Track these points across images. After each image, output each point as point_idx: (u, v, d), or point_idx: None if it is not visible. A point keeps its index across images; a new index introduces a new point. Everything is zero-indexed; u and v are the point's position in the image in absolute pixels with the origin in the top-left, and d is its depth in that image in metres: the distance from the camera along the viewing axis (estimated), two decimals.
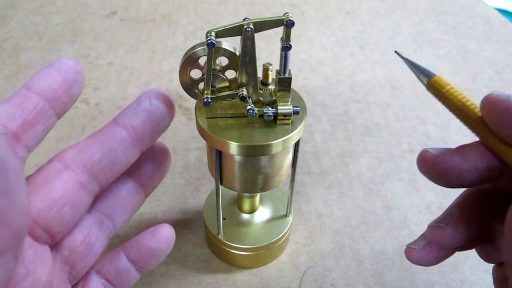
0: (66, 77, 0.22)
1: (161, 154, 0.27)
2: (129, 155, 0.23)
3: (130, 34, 0.59)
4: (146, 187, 0.26)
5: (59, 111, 0.22)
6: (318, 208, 0.37)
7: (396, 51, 0.27)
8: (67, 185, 0.21)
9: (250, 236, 0.32)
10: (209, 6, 0.67)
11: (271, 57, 0.55)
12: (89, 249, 0.23)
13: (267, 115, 0.25)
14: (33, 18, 0.62)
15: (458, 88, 0.23)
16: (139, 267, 0.25)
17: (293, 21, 0.23)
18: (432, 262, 0.24)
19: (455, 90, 0.22)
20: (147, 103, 0.24)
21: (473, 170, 0.21)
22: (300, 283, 0.31)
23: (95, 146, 0.23)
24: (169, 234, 0.25)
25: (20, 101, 0.21)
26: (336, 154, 0.42)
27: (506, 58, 0.57)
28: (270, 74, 0.26)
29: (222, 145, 0.24)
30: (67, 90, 0.22)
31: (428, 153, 0.22)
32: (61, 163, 0.22)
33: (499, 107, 0.20)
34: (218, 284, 0.31)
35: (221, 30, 0.23)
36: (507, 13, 0.91)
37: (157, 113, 0.24)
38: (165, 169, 0.27)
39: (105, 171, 0.23)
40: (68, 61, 0.22)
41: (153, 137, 0.24)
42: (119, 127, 0.23)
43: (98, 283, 0.24)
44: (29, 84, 0.21)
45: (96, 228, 0.24)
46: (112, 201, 0.25)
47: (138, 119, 0.23)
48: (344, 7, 0.68)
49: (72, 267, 0.23)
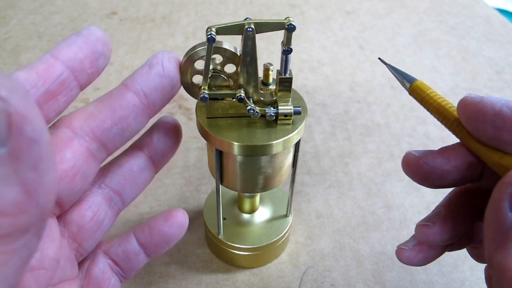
0: (93, 48, 0.21)
1: (173, 130, 0.26)
2: (140, 122, 0.22)
3: (130, 34, 0.59)
4: (156, 163, 0.25)
5: (83, 83, 0.21)
6: (318, 208, 0.37)
7: (380, 58, 0.28)
8: (77, 155, 0.20)
9: (250, 236, 0.32)
10: (209, 6, 0.67)
11: (272, 57, 0.55)
12: (98, 226, 0.23)
13: (269, 115, 0.25)
14: (33, 18, 0.62)
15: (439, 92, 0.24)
16: (148, 251, 0.24)
17: (295, 26, 0.23)
18: (423, 262, 0.24)
19: (435, 94, 0.23)
20: (160, 67, 0.22)
21: (455, 171, 0.22)
22: (300, 283, 0.31)
23: (105, 112, 0.21)
24: (183, 219, 0.24)
25: (44, 68, 0.20)
26: (336, 154, 0.42)
27: (506, 58, 0.57)
28: (271, 74, 0.26)
29: (223, 145, 0.24)
30: (94, 62, 0.21)
31: (412, 155, 0.23)
32: (70, 129, 0.21)
33: (472, 109, 0.20)
34: (218, 284, 0.31)
35: (222, 27, 0.23)
36: (507, 13, 0.91)
37: (169, 78, 0.23)
38: (176, 146, 0.26)
39: (115, 139, 0.22)
40: (97, 31, 0.21)
41: (164, 103, 0.23)
42: (130, 93, 0.22)
43: (105, 263, 0.24)
44: (55, 51, 0.20)
45: (105, 204, 0.23)
46: (123, 177, 0.24)
47: (150, 85, 0.22)
48: (344, 7, 0.68)
49: (79, 244, 0.22)
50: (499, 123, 0.19)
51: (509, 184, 0.17)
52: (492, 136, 0.20)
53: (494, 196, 0.18)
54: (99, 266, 0.23)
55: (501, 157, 0.20)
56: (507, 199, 0.17)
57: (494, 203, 0.17)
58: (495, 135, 0.20)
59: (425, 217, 0.25)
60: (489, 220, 0.18)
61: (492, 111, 0.19)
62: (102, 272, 0.23)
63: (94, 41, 0.21)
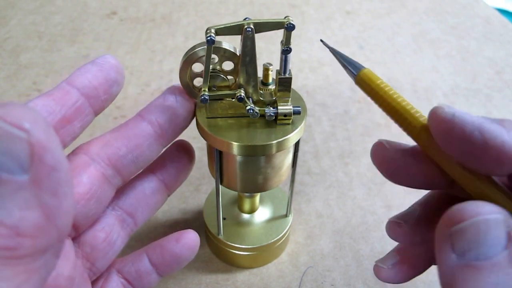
0: (107, 75, 0.22)
1: (186, 154, 0.27)
2: (153, 151, 0.24)
3: (130, 34, 0.59)
4: (169, 186, 0.26)
5: (97, 109, 0.22)
6: (318, 208, 0.37)
7: (322, 40, 0.25)
8: (93, 179, 0.21)
9: (250, 236, 0.32)
10: (209, 6, 0.67)
11: (271, 57, 0.54)
12: (110, 247, 0.23)
13: (269, 115, 0.25)
14: (33, 18, 0.62)
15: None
16: (160, 270, 0.25)
17: (294, 25, 0.23)
18: (402, 280, 0.24)
19: (386, 85, 0.21)
20: (173, 99, 0.24)
21: (423, 175, 0.21)
22: (300, 283, 0.31)
23: (121, 140, 0.23)
24: (194, 241, 0.25)
25: (60, 95, 0.21)
26: (336, 154, 0.42)
27: (506, 58, 0.57)
28: (270, 74, 0.26)
29: (222, 145, 0.24)
30: (107, 89, 0.22)
31: (382, 147, 0.21)
32: (87, 155, 0.22)
33: (442, 127, 0.18)
34: (218, 284, 0.31)
35: (221, 27, 0.23)
36: (507, 13, 0.91)
37: (182, 110, 0.24)
38: (189, 170, 0.27)
39: (129, 166, 0.23)
40: (111, 59, 0.22)
41: (176, 134, 0.24)
42: (145, 122, 0.23)
43: (118, 282, 0.24)
44: (71, 78, 0.21)
45: (118, 226, 0.24)
46: (136, 199, 0.25)
47: (164, 115, 0.24)
48: (344, 7, 0.68)
49: (92, 264, 0.23)
50: (468, 148, 0.17)
51: (447, 226, 0.16)
52: (460, 158, 0.18)
53: (437, 239, 0.17)
54: (112, 285, 0.24)
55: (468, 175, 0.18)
56: (448, 241, 0.16)
57: (438, 246, 0.17)
58: (464, 158, 0.18)
59: (399, 213, 0.24)
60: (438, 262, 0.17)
61: (461, 134, 0.17)
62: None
63: (108, 69, 0.22)
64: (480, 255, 0.15)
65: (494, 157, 0.17)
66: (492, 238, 0.15)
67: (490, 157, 0.17)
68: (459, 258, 0.16)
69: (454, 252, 0.16)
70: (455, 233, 0.16)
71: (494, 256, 0.15)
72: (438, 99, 0.50)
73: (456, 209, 0.16)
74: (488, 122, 0.17)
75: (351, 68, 0.22)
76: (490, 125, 0.17)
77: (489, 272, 0.15)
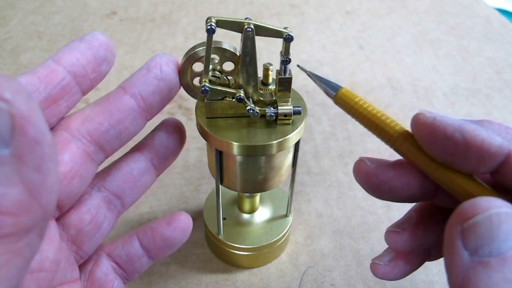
0: (96, 53, 0.21)
1: (176, 133, 0.25)
2: (137, 125, 0.22)
3: (130, 34, 0.59)
4: (158, 167, 0.25)
5: (85, 88, 0.21)
6: (318, 208, 0.37)
7: (299, 65, 0.26)
8: (75, 157, 0.20)
9: (250, 236, 0.32)
10: (209, 6, 0.67)
11: (271, 57, 0.54)
12: (97, 229, 0.22)
13: (269, 115, 0.25)
14: (33, 18, 0.62)
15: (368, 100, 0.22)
16: (151, 254, 0.24)
17: (292, 36, 0.23)
18: (399, 276, 0.24)
19: (364, 102, 0.22)
20: (157, 71, 0.22)
21: (405, 188, 0.21)
22: (300, 283, 0.31)
23: (102, 115, 0.21)
24: (186, 223, 0.24)
25: (46, 73, 0.20)
26: (336, 154, 0.42)
27: (506, 58, 0.57)
28: (271, 74, 0.26)
29: (222, 145, 0.24)
30: (96, 67, 0.21)
31: (364, 164, 0.22)
32: (67, 132, 0.21)
33: (424, 130, 0.19)
34: (218, 284, 0.31)
35: (222, 19, 0.22)
36: (507, 13, 0.91)
37: (167, 81, 0.22)
38: (179, 149, 0.26)
39: (112, 141, 0.22)
40: (100, 36, 0.21)
41: (162, 106, 0.23)
42: (127, 96, 0.22)
43: (108, 266, 0.24)
44: (57, 56, 0.20)
45: (104, 207, 0.23)
46: (122, 180, 0.24)
47: (148, 88, 0.22)
48: (344, 7, 0.68)
49: (79, 247, 0.22)
50: (450, 148, 0.18)
51: (458, 222, 0.16)
52: (444, 159, 0.19)
53: (447, 236, 0.17)
54: (102, 268, 0.23)
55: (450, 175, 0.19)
56: (459, 238, 0.16)
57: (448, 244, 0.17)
58: (447, 159, 0.19)
59: (396, 222, 0.24)
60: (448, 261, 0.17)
61: (443, 136, 0.18)
62: (105, 274, 0.23)
63: (97, 46, 0.21)
64: (493, 250, 0.15)
65: (476, 154, 0.18)
66: (504, 232, 0.15)
67: (472, 155, 0.18)
68: (472, 256, 0.16)
69: (466, 249, 0.16)
70: (467, 228, 0.16)
71: (507, 251, 0.15)
72: (438, 99, 0.50)
73: (467, 205, 0.16)
74: (467, 123, 0.19)
75: (329, 89, 0.23)
76: (470, 125, 0.18)
77: (503, 267, 0.15)
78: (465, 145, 0.18)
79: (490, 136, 0.18)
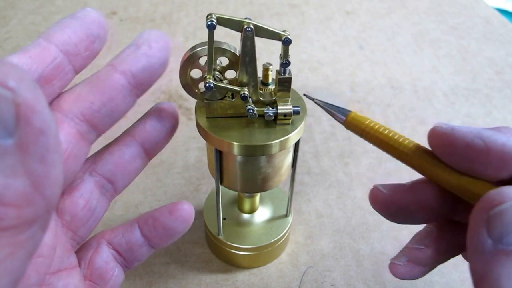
0: (88, 30, 0.20)
1: (168, 117, 0.25)
2: (128, 103, 0.22)
3: (130, 34, 0.59)
4: (149, 151, 0.25)
5: (78, 67, 0.21)
6: (318, 208, 0.37)
7: (306, 93, 0.26)
8: (69, 137, 0.20)
9: (250, 236, 0.32)
10: (209, 6, 0.67)
11: (271, 57, 0.54)
12: (91, 214, 0.22)
13: (268, 115, 0.25)
14: (33, 18, 0.62)
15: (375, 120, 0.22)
16: (152, 243, 0.24)
17: (291, 40, 0.23)
18: (418, 276, 0.24)
19: (374, 124, 0.22)
20: (146, 47, 0.22)
21: (425, 210, 0.21)
22: (300, 283, 0.31)
23: (93, 94, 0.21)
24: (188, 213, 0.24)
25: (37, 52, 0.19)
26: (336, 154, 0.42)
27: (506, 58, 0.57)
28: (270, 74, 0.26)
29: (222, 145, 0.24)
30: (89, 45, 0.21)
31: (379, 192, 0.22)
32: (59, 112, 0.20)
33: (443, 141, 0.19)
34: (218, 284, 0.31)
35: (223, 17, 0.23)
36: (507, 13, 0.91)
37: (156, 58, 0.22)
38: (171, 133, 0.25)
39: (104, 120, 0.21)
40: (92, 13, 0.21)
41: (152, 82, 0.23)
42: (117, 74, 0.21)
43: (108, 254, 0.23)
44: (48, 34, 0.20)
45: (97, 192, 0.23)
46: (114, 164, 0.23)
47: (138, 65, 0.22)
48: (344, 7, 0.68)
49: (74, 233, 0.22)
50: (471, 155, 0.18)
51: (484, 209, 0.16)
52: (466, 168, 0.19)
53: (471, 224, 0.17)
54: (103, 256, 0.23)
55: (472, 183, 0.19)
56: (484, 226, 0.16)
57: (472, 232, 0.17)
58: (469, 167, 0.19)
59: (416, 237, 0.24)
60: (470, 249, 0.17)
61: (463, 143, 0.19)
62: (106, 262, 0.23)
63: (89, 23, 0.20)
64: None
65: (497, 158, 0.18)
66: None
67: (493, 159, 0.18)
68: (495, 244, 0.16)
69: (490, 237, 0.16)
70: (493, 216, 0.16)
71: None
72: (438, 99, 0.50)
73: (493, 193, 0.16)
74: (485, 130, 0.19)
75: (339, 114, 0.23)
76: (488, 131, 0.19)
77: None
78: (486, 150, 0.18)
79: (510, 139, 0.18)
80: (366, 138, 0.22)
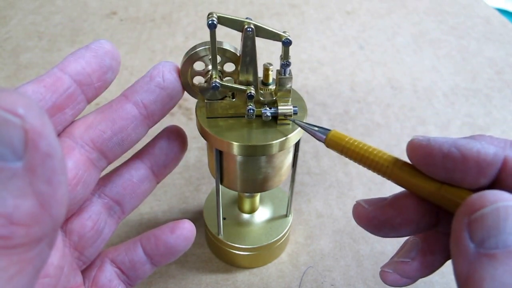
0: (102, 61, 0.21)
1: (177, 140, 0.26)
2: (139, 133, 0.23)
3: (130, 34, 0.59)
4: (157, 174, 0.26)
5: (90, 97, 0.21)
6: (318, 208, 0.37)
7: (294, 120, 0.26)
8: (79, 164, 0.21)
9: (250, 236, 0.32)
10: (209, 6, 0.67)
11: (271, 57, 0.55)
12: (98, 235, 0.23)
13: (265, 115, 0.25)
14: (33, 18, 0.62)
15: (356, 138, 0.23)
16: (154, 261, 0.24)
17: (291, 40, 0.23)
18: (409, 283, 0.24)
19: (354, 141, 0.22)
20: (160, 79, 0.23)
21: (408, 223, 0.21)
22: (300, 283, 0.31)
23: (105, 122, 0.22)
24: (189, 231, 0.24)
25: (52, 81, 0.20)
26: (336, 154, 0.42)
27: (506, 58, 0.57)
28: (271, 74, 0.26)
29: (223, 145, 0.24)
30: (101, 76, 0.21)
31: (361, 207, 0.22)
32: (70, 139, 0.21)
33: (421, 153, 0.20)
34: (218, 284, 0.31)
35: (224, 16, 0.23)
36: (507, 13, 0.91)
37: (169, 90, 0.23)
38: (179, 156, 0.26)
39: (115, 148, 0.22)
40: (106, 45, 0.21)
41: (163, 114, 0.23)
42: (130, 104, 0.22)
43: (111, 272, 0.24)
44: (63, 64, 0.21)
45: (105, 213, 0.23)
46: (123, 187, 0.24)
47: (150, 96, 0.22)
48: (344, 7, 0.68)
49: (81, 253, 0.22)
50: (449, 164, 0.19)
51: (466, 214, 0.16)
52: (445, 177, 0.19)
53: (454, 229, 0.17)
54: (106, 274, 0.24)
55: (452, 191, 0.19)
56: (466, 230, 0.16)
57: (455, 236, 0.17)
58: (448, 176, 0.19)
59: (401, 250, 0.24)
60: (454, 253, 0.17)
61: (440, 153, 0.19)
62: (109, 280, 0.24)
63: (103, 55, 0.21)
64: (499, 242, 0.15)
65: (474, 165, 0.18)
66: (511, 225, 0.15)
67: (471, 167, 0.19)
68: (478, 247, 0.16)
69: (472, 241, 0.16)
70: (474, 220, 0.16)
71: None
72: (438, 99, 0.50)
73: (475, 197, 0.16)
74: (460, 139, 0.19)
75: (319, 133, 0.23)
76: (463, 140, 0.19)
77: (509, 260, 0.15)
78: (462, 159, 0.19)
79: (484, 146, 0.19)
80: (347, 155, 0.22)
